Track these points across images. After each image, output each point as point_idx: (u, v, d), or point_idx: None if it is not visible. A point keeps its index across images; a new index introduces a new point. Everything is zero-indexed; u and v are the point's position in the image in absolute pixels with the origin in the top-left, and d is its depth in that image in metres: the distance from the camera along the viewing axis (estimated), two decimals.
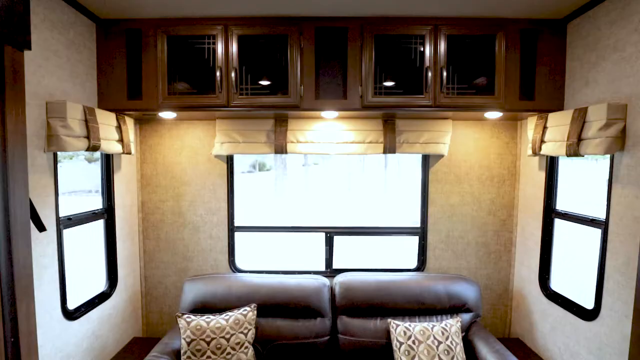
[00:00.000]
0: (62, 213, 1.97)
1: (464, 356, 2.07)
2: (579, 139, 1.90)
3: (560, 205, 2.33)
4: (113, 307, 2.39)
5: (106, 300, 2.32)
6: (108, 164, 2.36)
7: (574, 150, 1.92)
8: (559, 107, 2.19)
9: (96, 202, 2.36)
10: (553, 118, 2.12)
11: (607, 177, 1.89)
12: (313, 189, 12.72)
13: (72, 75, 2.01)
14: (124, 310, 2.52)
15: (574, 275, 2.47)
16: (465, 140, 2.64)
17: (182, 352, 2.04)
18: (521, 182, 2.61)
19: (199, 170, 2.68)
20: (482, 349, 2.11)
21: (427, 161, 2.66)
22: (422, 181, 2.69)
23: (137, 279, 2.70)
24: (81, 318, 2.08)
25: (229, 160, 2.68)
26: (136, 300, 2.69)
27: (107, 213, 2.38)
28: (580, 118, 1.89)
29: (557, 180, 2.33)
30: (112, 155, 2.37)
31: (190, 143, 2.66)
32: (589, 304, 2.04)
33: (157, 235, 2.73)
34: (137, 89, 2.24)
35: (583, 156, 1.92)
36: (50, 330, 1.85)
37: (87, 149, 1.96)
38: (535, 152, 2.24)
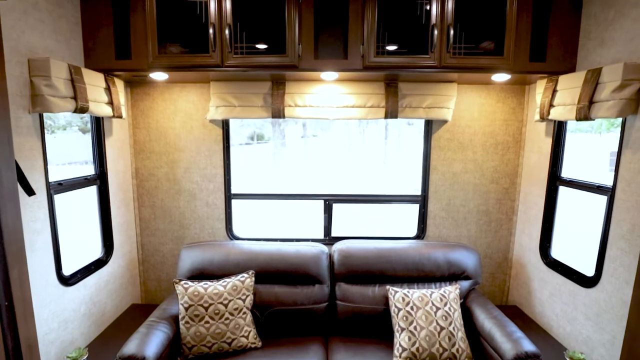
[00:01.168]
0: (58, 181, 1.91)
1: (462, 322, 2.07)
2: (591, 102, 1.81)
3: (565, 172, 2.27)
4: (110, 274, 2.37)
5: (102, 267, 2.30)
6: (99, 129, 2.27)
7: (584, 114, 1.83)
8: (571, 69, 2.09)
9: (91, 171, 2.29)
10: (564, 80, 2.01)
11: (608, 150, 1.82)
12: (312, 160, 12.64)
13: (55, 31, 1.88)
14: (122, 277, 2.51)
15: (574, 243, 2.44)
16: (470, 106, 2.54)
17: (180, 317, 2.04)
18: (526, 149, 2.54)
19: (193, 136, 2.59)
20: (480, 315, 2.12)
21: (429, 127, 2.58)
22: (424, 148, 2.61)
23: (133, 246, 2.67)
24: (78, 284, 2.07)
25: (225, 125, 2.59)
26: (133, 267, 2.68)
27: (100, 179, 2.31)
28: (594, 79, 1.79)
29: (563, 146, 2.26)
30: (103, 119, 2.27)
31: (184, 107, 2.56)
32: (588, 271, 2.03)
33: (152, 203, 2.68)
34: (125, 48, 2.11)
35: (593, 120, 1.83)
36: (47, 296, 1.83)
37: (75, 111, 1.86)
38: (543, 117, 2.15)
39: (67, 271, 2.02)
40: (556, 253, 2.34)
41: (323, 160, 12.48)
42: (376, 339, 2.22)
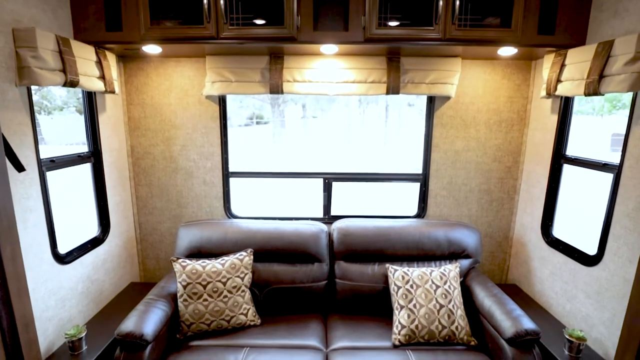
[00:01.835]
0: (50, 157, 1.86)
1: (461, 300, 2.07)
2: (601, 76, 1.74)
3: (570, 151, 2.22)
4: (107, 253, 2.35)
5: (99, 245, 2.28)
6: (91, 104, 2.20)
7: (593, 89, 1.77)
8: (581, 42, 2.00)
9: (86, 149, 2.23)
10: (573, 54, 1.94)
11: (610, 132, 1.76)
12: (312, 142, 12.53)
13: (41, 0, 1.78)
14: (119, 256, 2.49)
15: (576, 223, 2.41)
16: (474, 82, 2.46)
17: (178, 295, 2.03)
18: (530, 127, 2.48)
19: (189, 113, 2.52)
20: (480, 293, 2.11)
21: (432, 103, 2.50)
22: (425, 125, 2.55)
23: (130, 225, 2.64)
24: (74, 262, 2.04)
25: (222, 101, 2.51)
26: (131, 246, 2.66)
27: (94, 157, 2.25)
28: (605, 52, 1.72)
29: (569, 124, 2.20)
30: (95, 95, 2.20)
31: (179, 83, 2.48)
32: (590, 250, 2.01)
33: (149, 181, 2.63)
34: (116, 19, 2.02)
35: (603, 94, 1.77)
36: (42, 274, 1.81)
37: (65, 84, 1.79)
38: (550, 93, 2.08)
39: (62, 249, 1.99)
40: (558, 232, 2.31)
41: (323, 142, 12.36)
42: (375, 316, 2.23)
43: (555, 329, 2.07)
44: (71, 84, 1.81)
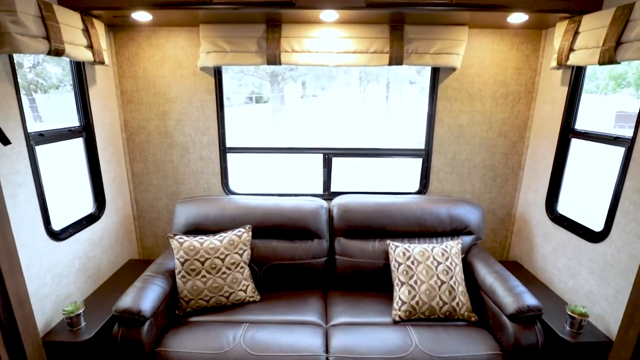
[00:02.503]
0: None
1: (463, 276, 2.04)
2: (618, 43, 1.64)
3: (580, 124, 2.13)
4: (104, 230, 2.31)
5: (95, 222, 2.23)
6: (80, 76, 2.10)
7: (609, 56, 1.67)
8: (597, 7, 1.88)
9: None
10: (588, 20, 1.82)
11: (614, 110, 1.67)
12: (311, 120, 12.37)
13: None
14: (116, 233, 2.46)
15: (581, 199, 2.36)
16: (481, 52, 2.35)
17: (176, 271, 2.00)
18: (538, 100, 2.38)
19: (184, 86, 2.42)
20: (482, 269, 2.08)
21: (436, 75, 2.40)
22: (429, 98, 2.46)
23: (127, 202, 2.59)
24: (69, 239, 2.01)
25: (217, 73, 2.41)
26: (128, 223, 2.62)
27: (86, 131, 2.18)
28: (624, 17, 1.61)
29: (580, 96, 2.10)
30: (84, 66, 2.10)
31: (173, 54, 2.37)
32: (596, 226, 1.96)
33: (144, 157, 2.57)
34: None
35: (619, 63, 1.67)
36: (36, 251, 1.77)
37: (49, 53, 1.69)
38: (561, 64, 1.98)
39: (56, 225, 1.95)
40: (562, 208, 2.27)
41: (323, 120, 12.21)
42: (375, 292, 2.21)
43: (556, 306, 2.05)
44: (56, 52, 1.71)
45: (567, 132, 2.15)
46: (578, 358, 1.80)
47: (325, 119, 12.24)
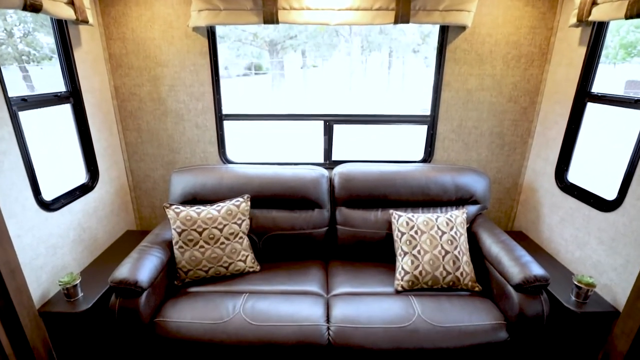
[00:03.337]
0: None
1: (467, 246, 1.99)
2: None
3: (597, 87, 2.01)
4: (98, 200, 2.25)
5: (89, 192, 2.16)
6: (64, 37, 1.96)
7: (637, 9, 1.53)
8: None
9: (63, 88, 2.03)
10: None
11: (624, 79, 1.54)
12: (312, 90, 12.07)
13: None
14: (112, 203, 2.40)
15: (592, 167, 2.26)
16: (493, 9, 2.18)
17: (173, 242, 1.95)
18: (553, 62, 2.24)
19: (175, 48, 2.28)
20: (487, 239, 2.03)
21: (445, 35, 2.24)
22: (436, 61, 2.31)
23: (122, 172, 2.51)
24: (62, 210, 1.94)
25: (210, 34, 2.25)
26: (124, 194, 2.56)
27: (73, 97, 2.06)
28: None
29: (599, 57, 1.96)
30: (67, 25, 1.95)
31: (162, 13, 2.21)
32: (609, 195, 1.88)
33: (137, 126, 2.46)
34: None
35: None
36: (27, 221, 1.71)
37: (25, 8, 1.55)
38: (582, 19, 1.83)
39: (47, 196, 1.88)
40: (573, 177, 2.18)
41: (324, 91, 11.90)
42: (378, 263, 2.17)
43: (562, 276, 2.01)
44: (32, 7, 1.57)
45: (583, 96, 2.03)
46: (583, 328, 1.78)
47: (326, 89, 11.94)
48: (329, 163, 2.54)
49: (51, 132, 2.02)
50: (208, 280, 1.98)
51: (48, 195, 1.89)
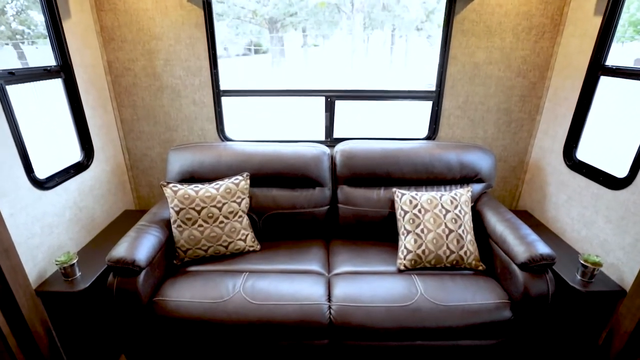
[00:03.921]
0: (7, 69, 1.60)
1: (472, 225, 1.95)
2: None
3: (612, 60, 1.91)
4: (94, 179, 2.20)
5: (84, 171, 2.11)
6: (51, 6, 1.86)
7: None
8: None
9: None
10: None
11: (632, 58, 1.44)
12: (313, 69, 11.84)
13: None
14: (109, 182, 2.35)
15: (603, 144, 2.19)
16: None
17: (171, 221, 1.91)
18: (565, 33, 2.13)
19: (170, 20, 2.17)
20: (492, 218, 1.98)
21: (452, 5, 2.13)
22: (443, 33, 2.21)
23: (118, 150, 2.45)
24: (56, 188, 1.89)
25: (206, 4, 2.15)
26: (121, 173, 2.50)
27: (64, 72, 1.98)
28: None
29: (616, 26, 1.86)
30: None
31: None
32: (619, 172, 1.82)
33: (132, 102, 2.38)
34: None
35: None
36: (20, 199, 1.66)
37: None
38: None
39: (40, 174, 1.83)
40: (582, 155, 2.11)
41: (325, 69, 11.67)
42: (380, 242, 2.13)
43: (567, 255, 1.97)
44: None
45: (596, 69, 1.94)
46: (587, 307, 1.75)
47: (328, 68, 11.69)
48: (331, 141, 2.48)
49: (44, 109, 1.95)
50: (207, 260, 1.95)
51: (42, 173, 1.84)
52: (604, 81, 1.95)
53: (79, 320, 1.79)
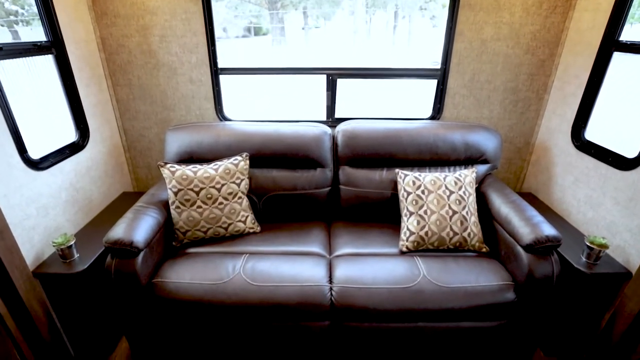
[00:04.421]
0: None
1: (476, 206, 1.91)
2: None
3: (626, 35, 1.83)
4: (90, 160, 2.15)
5: (79, 152, 2.06)
6: None
7: None
8: None
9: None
10: None
11: None
12: (314, 50, 11.61)
13: None
14: (105, 163, 2.30)
15: (613, 124, 2.12)
16: None
17: (170, 202, 1.87)
18: (578, 7, 2.04)
19: None
20: (496, 199, 1.94)
21: None
22: (449, 7, 2.11)
23: (114, 131, 2.40)
24: (51, 169, 1.85)
25: None
26: (118, 154, 2.45)
27: (56, 48, 1.91)
28: None
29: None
30: None
31: None
32: (630, 152, 1.77)
33: (128, 81, 2.31)
34: None
35: None
36: (13, 180, 1.62)
37: None
38: None
39: (34, 154, 1.78)
40: (590, 135, 2.05)
41: (326, 52, 11.44)
42: (382, 223, 2.10)
43: (572, 237, 1.94)
44: None
45: (610, 45, 1.86)
46: (592, 289, 1.73)
47: (329, 50, 11.46)
48: (332, 121, 2.42)
49: (37, 88, 1.89)
50: (207, 241, 1.92)
51: (36, 153, 1.79)
52: (617, 58, 1.87)
53: (78, 302, 1.77)
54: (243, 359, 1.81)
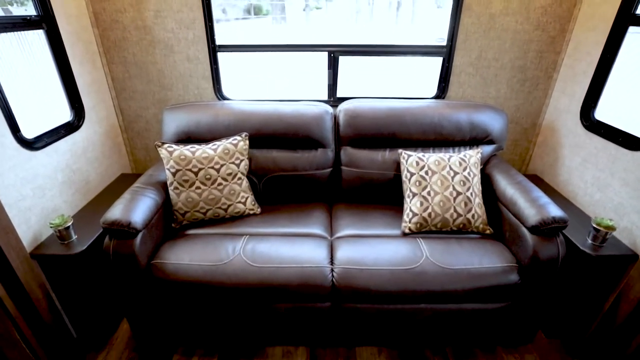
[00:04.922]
0: None
1: (481, 188, 1.87)
2: None
3: None
4: (86, 140, 2.10)
5: (75, 132, 2.01)
6: None
7: None
8: None
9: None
10: None
11: None
12: (314, 33, 11.37)
13: None
14: (102, 144, 2.25)
15: (625, 102, 2.06)
16: None
17: (168, 183, 1.84)
18: None
19: None
20: (502, 180, 1.90)
21: None
22: None
23: (110, 110, 2.34)
24: (46, 149, 1.81)
25: None
26: (115, 135, 2.40)
27: (46, 23, 1.83)
28: None
29: None
30: None
31: None
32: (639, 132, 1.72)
33: (123, 58, 2.24)
34: None
35: None
36: (7, 159, 1.58)
37: None
38: None
39: (28, 133, 1.73)
40: (600, 114, 1.99)
41: (327, 33, 11.19)
42: (384, 205, 2.06)
43: (578, 219, 1.91)
44: None
45: (625, 19, 1.78)
46: (597, 271, 1.71)
47: (330, 30, 11.21)
48: (334, 100, 2.35)
49: (30, 65, 1.83)
50: (206, 223, 1.90)
51: (29, 133, 1.74)
52: (633, 33, 1.79)
53: (78, 283, 1.76)
54: (243, 340, 1.81)
